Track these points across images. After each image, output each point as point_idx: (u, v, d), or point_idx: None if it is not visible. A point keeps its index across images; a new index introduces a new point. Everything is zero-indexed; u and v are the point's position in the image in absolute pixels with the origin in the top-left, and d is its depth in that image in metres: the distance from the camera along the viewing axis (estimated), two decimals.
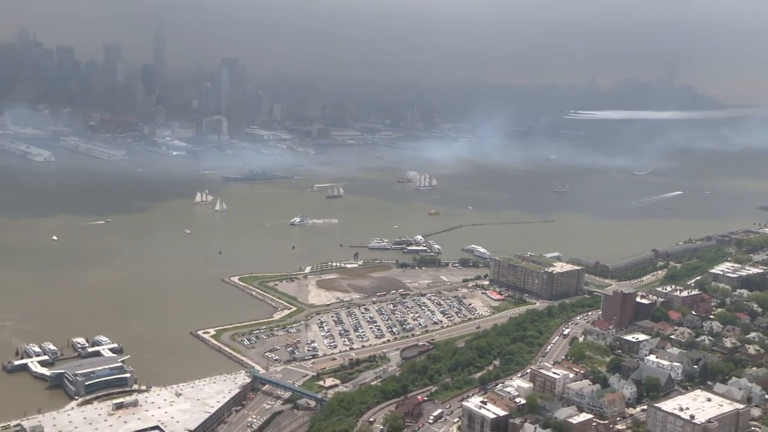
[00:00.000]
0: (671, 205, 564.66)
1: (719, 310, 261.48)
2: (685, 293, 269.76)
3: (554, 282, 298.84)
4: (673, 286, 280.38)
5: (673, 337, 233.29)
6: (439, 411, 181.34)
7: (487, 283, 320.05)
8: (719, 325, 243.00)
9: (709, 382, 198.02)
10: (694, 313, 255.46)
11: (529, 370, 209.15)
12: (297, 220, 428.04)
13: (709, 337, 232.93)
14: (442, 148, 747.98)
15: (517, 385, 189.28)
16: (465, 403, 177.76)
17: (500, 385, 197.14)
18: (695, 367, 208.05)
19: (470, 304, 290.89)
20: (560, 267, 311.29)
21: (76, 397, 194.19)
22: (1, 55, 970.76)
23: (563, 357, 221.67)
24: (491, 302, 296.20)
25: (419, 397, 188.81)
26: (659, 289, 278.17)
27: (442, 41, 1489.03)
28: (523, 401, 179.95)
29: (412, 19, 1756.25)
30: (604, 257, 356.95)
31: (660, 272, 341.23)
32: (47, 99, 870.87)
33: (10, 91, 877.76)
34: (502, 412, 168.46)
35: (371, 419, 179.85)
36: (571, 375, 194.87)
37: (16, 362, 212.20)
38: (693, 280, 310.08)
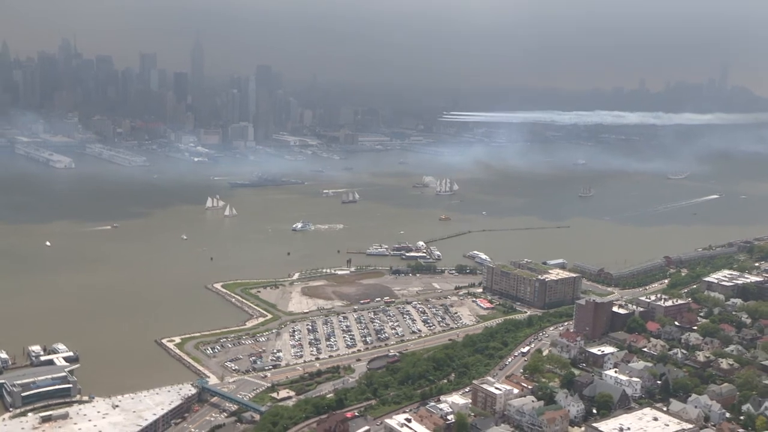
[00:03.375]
0: (704, 209, 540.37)
1: (704, 321, 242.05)
2: (669, 303, 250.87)
3: (547, 290, 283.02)
4: (659, 295, 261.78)
5: (645, 349, 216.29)
6: (365, 428, 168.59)
7: (480, 291, 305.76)
8: (698, 338, 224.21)
9: (671, 399, 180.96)
10: (677, 324, 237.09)
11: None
12: (299, 225, 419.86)
13: (683, 351, 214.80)
14: (460, 153, 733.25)
15: (452, 401, 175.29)
16: (387, 421, 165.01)
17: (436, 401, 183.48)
18: (658, 382, 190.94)
19: (456, 313, 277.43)
20: (555, 274, 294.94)
21: (11, 409, 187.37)
22: (44, 65, 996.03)
23: (521, 371, 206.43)
24: (480, 311, 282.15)
25: (348, 413, 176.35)
26: (642, 298, 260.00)
27: (482, 47, 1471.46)
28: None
29: (452, 24, 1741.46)
30: (612, 264, 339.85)
31: (668, 281, 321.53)
32: (84, 107, 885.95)
33: (49, 101, 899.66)
34: (425, 431, 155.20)
35: None
36: (516, 391, 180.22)
37: None
38: (687, 289, 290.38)
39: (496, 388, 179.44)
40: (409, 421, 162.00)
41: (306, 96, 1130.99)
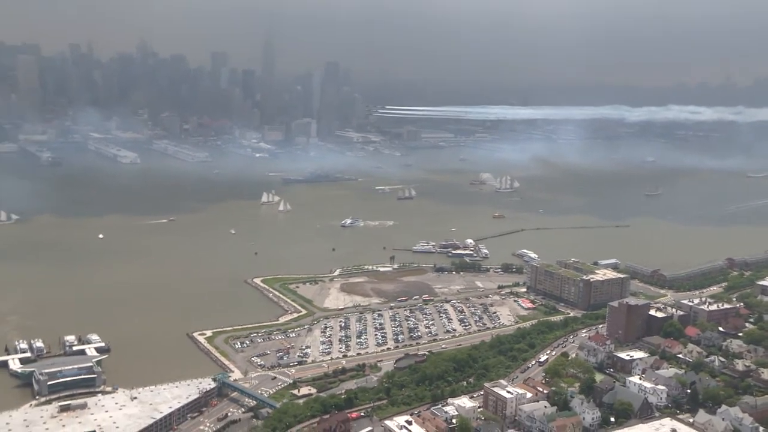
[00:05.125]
0: None
1: (751, 327, 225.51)
2: (714, 306, 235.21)
3: (592, 291, 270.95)
4: (703, 299, 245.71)
5: (680, 355, 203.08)
6: (368, 429, 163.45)
7: (524, 290, 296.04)
8: (741, 345, 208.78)
9: (701, 410, 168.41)
10: (721, 329, 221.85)
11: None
12: (348, 221, 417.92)
13: (721, 358, 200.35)
14: (523, 150, 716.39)
15: (458, 404, 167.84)
16: (386, 423, 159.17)
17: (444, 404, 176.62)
18: (687, 391, 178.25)
19: (495, 313, 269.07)
20: (602, 275, 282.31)
21: (38, 397, 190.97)
22: (121, 64, 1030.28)
23: (543, 374, 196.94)
24: (520, 311, 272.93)
25: (354, 413, 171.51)
26: (685, 301, 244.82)
27: (551, 41, 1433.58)
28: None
29: (520, 19, 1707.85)
30: (670, 266, 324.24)
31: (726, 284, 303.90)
32: (156, 105, 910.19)
33: (126, 99, 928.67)
34: None
35: None
36: (529, 395, 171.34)
37: None
38: (739, 293, 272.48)
39: (508, 392, 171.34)
40: (409, 423, 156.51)
41: (374, 93, 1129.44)
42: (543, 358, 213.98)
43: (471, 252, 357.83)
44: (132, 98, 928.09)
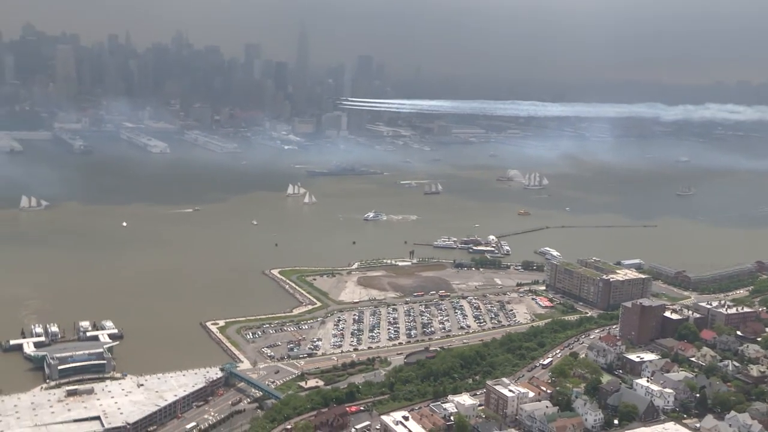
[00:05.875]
0: None
1: None
2: (733, 310, 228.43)
3: (612, 291, 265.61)
4: (722, 302, 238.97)
5: (693, 359, 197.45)
6: (365, 424, 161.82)
7: (543, 288, 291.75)
8: (759, 350, 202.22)
9: (708, 415, 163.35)
10: (738, 333, 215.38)
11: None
12: (371, 215, 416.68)
13: (735, 363, 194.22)
14: (554, 147, 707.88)
15: (458, 401, 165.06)
16: (383, 418, 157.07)
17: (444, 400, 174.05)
18: (696, 395, 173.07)
19: (512, 311, 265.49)
20: (623, 275, 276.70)
21: (48, 381, 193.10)
22: (156, 55, 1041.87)
23: (549, 374, 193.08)
24: (537, 309, 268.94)
25: (353, 407, 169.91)
26: (703, 304, 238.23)
27: (591, 38, 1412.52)
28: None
29: (557, 15, 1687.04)
30: (696, 267, 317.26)
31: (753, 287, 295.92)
32: (189, 96, 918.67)
33: (160, 89, 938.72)
34: (419, 431, 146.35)
35: (288, 426, 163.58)
36: (531, 394, 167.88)
37: (13, 342, 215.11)
38: (762, 297, 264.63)
39: (510, 391, 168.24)
40: (406, 419, 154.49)
41: (408, 87, 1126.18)
42: (547, 360, 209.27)
43: (492, 248, 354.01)
44: (165, 89, 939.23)
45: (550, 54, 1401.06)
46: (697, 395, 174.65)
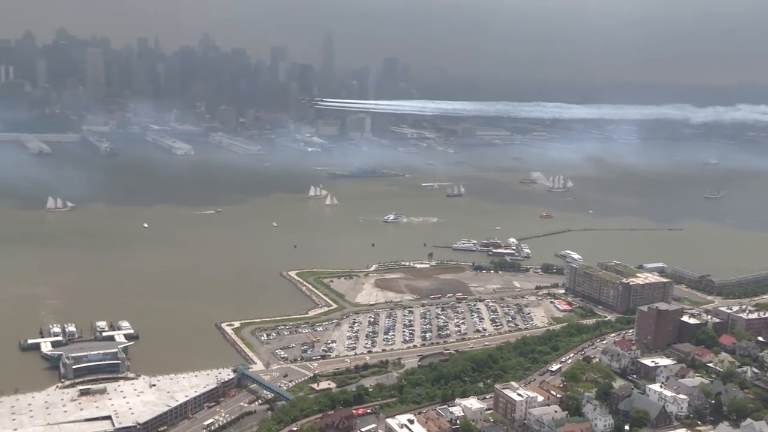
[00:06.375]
0: None
1: None
2: (755, 315, 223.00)
3: (632, 294, 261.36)
4: (743, 306, 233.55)
5: (710, 364, 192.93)
6: (372, 426, 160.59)
7: (562, 292, 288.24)
8: None
9: (725, 423, 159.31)
10: (760, 339, 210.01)
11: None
12: (391, 217, 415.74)
13: (755, 369, 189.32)
14: (579, 149, 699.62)
15: (465, 405, 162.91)
16: (388, 421, 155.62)
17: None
18: (711, 401, 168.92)
19: (529, 314, 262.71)
20: (643, 278, 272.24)
21: (63, 380, 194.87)
22: (183, 58, 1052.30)
23: (561, 378, 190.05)
24: (555, 313, 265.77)
25: (360, 410, 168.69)
26: (723, 308, 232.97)
27: (620, 39, 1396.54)
28: None
29: (583, 15, 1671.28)
30: (722, 272, 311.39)
31: None
32: (215, 98, 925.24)
33: (187, 92, 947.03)
34: None
35: (294, 428, 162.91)
36: (540, 398, 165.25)
37: (31, 341, 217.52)
38: None
39: (518, 395, 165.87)
40: (411, 422, 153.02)
41: (433, 89, 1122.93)
42: (556, 367, 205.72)
43: (512, 251, 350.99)
44: (192, 91, 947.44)
45: (576, 54, 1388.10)
46: (713, 402, 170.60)
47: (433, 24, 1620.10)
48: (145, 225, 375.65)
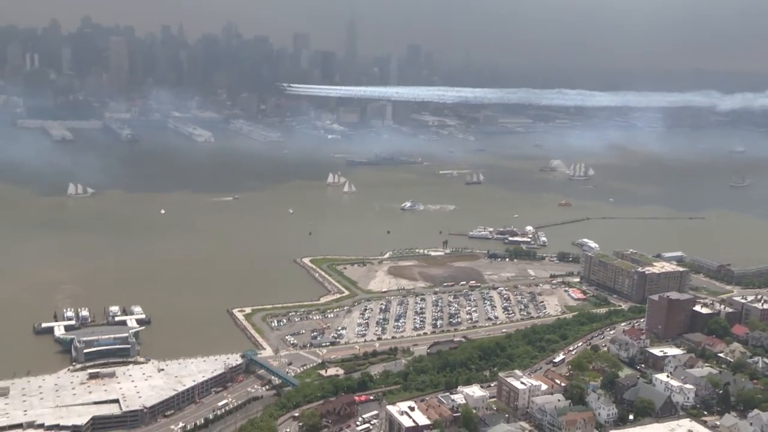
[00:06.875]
0: None
1: None
2: None
3: (647, 283, 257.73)
4: (758, 296, 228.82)
5: (721, 354, 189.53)
6: (373, 413, 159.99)
7: (577, 280, 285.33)
8: None
9: (732, 413, 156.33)
10: None
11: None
12: (408, 204, 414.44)
13: (766, 360, 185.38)
14: (602, 137, 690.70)
15: (467, 392, 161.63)
16: (389, 407, 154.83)
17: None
18: (719, 392, 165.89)
19: (542, 302, 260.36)
20: (660, 267, 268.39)
21: (74, 363, 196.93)
22: (206, 45, 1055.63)
23: (568, 367, 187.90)
24: (569, 301, 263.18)
25: (363, 396, 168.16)
26: (737, 298, 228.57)
27: (641, 25, 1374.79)
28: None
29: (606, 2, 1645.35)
30: (743, 261, 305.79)
31: None
32: (238, 85, 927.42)
33: (209, 79, 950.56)
34: (423, 422, 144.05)
35: (296, 414, 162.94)
36: (544, 387, 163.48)
37: (45, 325, 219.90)
38: None
39: (522, 383, 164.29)
40: (412, 409, 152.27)
41: (456, 77, 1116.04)
42: (559, 358, 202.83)
43: (529, 239, 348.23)
44: (214, 79, 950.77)
45: (601, 40, 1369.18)
46: (720, 392, 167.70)
47: (459, 11, 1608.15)
48: (162, 211, 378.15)
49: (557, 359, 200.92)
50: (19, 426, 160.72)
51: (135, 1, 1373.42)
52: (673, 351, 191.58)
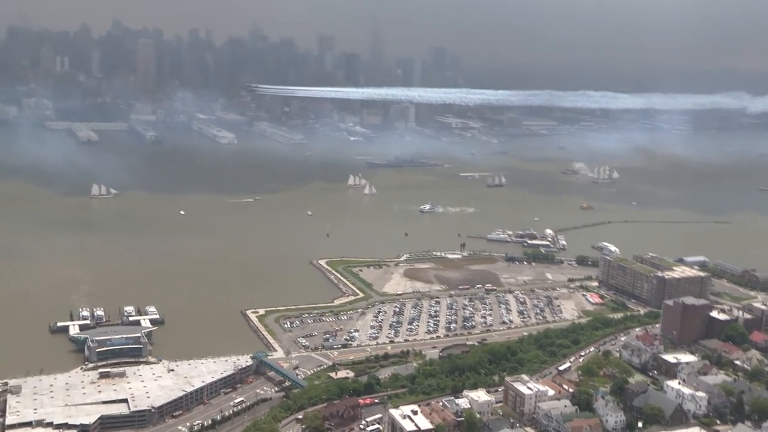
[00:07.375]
0: None
1: None
2: None
3: (667, 288, 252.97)
4: None
5: (737, 362, 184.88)
6: (377, 416, 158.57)
7: (596, 285, 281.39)
8: None
9: (746, 422, 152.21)
10: None
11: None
12: (427, 207, 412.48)
13: None
14: (627, 140, 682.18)
15: (472, 397, 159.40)
16: (391, 411, 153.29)
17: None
18: (733, 400, 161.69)
19: (559, 306, 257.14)
20: (680, 272, 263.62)
21: (87, 363, 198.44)
22: (232, 48, 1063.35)
23: (579, 372, 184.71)
24: (586, 306, 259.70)
25: (368, 399, 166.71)
26: (757, 305, 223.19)
27: (668, 24, 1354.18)
28: None
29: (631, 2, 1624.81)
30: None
31: None
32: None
33: (234, 82, 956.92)
34: (426, 426, 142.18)
35: (299, 416, 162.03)
36: (551, 392, 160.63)
37: (60, 324, 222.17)
38: None
39: (528, 388, 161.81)
40: (415, 413, 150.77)
41: (481, 79, 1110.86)
42: (564, 366, 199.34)
43: (548, 243, 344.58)
44: (239, 81, 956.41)
45: (629, 39, 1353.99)
46: (734, 401, 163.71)
47: (486, 12, 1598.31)
48: (182, 212, 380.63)
49: (562, 367, 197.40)
50: (29, 424, 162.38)
51: (164, 5, 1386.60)
52: (687, 357, 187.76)
